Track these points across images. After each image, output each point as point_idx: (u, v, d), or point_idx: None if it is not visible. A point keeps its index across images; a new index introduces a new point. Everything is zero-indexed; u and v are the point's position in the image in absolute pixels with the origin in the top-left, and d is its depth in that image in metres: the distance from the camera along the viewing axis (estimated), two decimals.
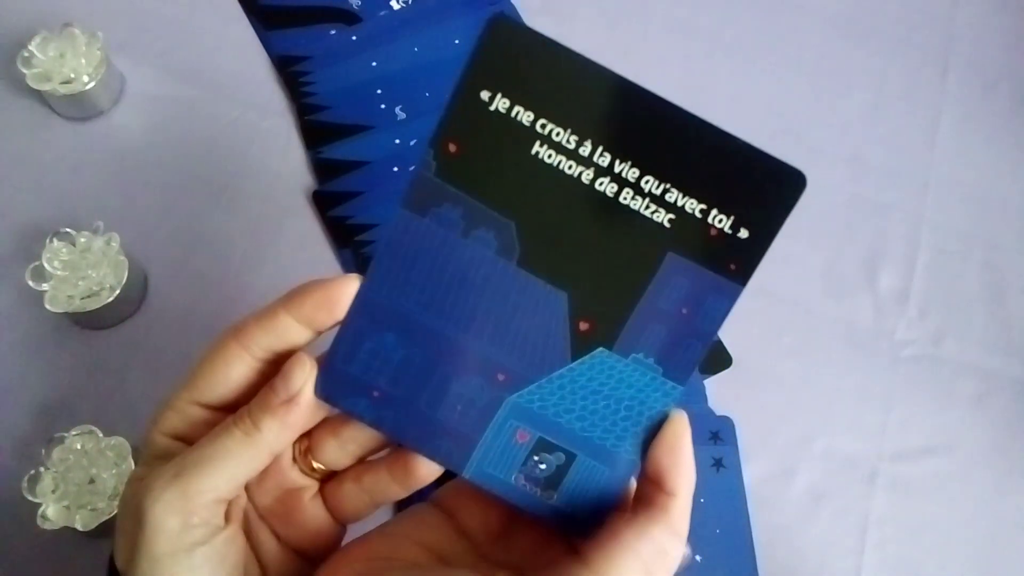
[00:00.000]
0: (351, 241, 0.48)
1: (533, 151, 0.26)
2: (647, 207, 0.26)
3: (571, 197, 0.26)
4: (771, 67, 0.56)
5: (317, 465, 0.30)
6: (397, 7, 0.55)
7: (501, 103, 0.26)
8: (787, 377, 0.48)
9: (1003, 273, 0.51)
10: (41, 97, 0.50)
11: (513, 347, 0.27)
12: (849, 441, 0.47)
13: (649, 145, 0.26)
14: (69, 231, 0.45)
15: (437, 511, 0.30)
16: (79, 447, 0.41)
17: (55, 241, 0.45)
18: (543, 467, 0.28)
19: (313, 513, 0.30)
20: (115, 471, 0.41)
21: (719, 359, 0.47)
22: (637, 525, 0.26)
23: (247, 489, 0.30)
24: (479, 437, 0.28)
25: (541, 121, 0.26)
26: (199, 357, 0.28)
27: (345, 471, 0.31)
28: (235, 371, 0.28)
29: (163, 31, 0.53)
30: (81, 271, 0.44)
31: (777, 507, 0.45)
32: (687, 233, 0.26)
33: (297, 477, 0.30)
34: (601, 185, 0.26)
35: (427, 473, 0.29)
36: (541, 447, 0.28)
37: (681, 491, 0.26)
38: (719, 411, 0.46)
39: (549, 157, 0.26)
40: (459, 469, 0.28)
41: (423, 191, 0.27)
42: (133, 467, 0.41)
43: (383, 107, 0.52)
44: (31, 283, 0.44)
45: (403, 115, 0.52)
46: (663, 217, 0.26)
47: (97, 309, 0.44)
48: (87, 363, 0.45)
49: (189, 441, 0.28)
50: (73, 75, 0.49)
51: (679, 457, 0.27)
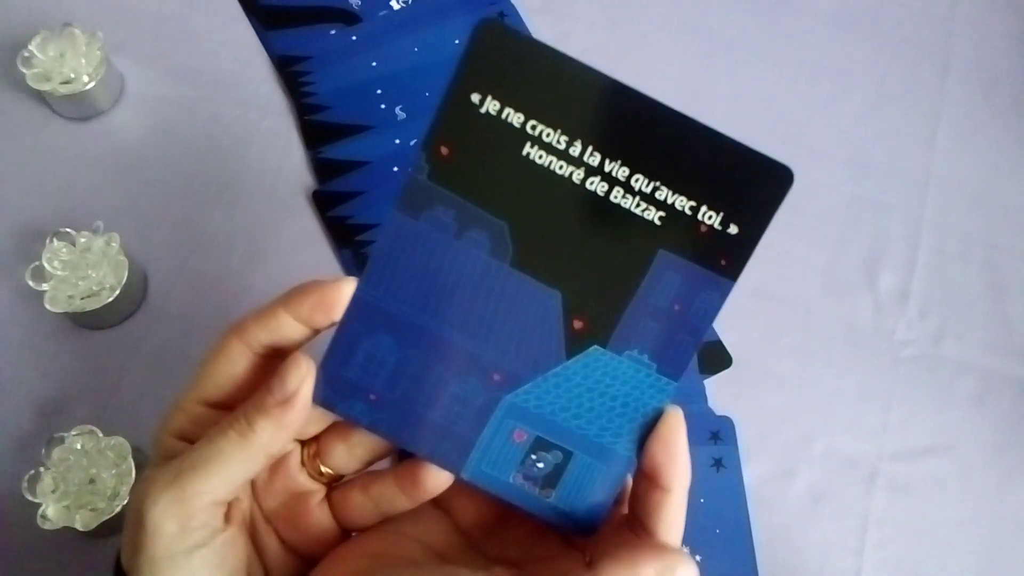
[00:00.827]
0: (351, 241, 0.48)
1: (524, 152, 0.26)
2: (638, 205, 0.27)
3: (562, 197, 0.27)
4: (771, 67, 0.56)
5: (325, 469, 0.30)
6: (397, 7, 0.55)
7: (491, 105, 0.26)
8: (787, 377, 0.48)
9: (1003, 273, 0.51)
10: (41, 97, 0.50)
11: (508, 347, 0.28)
12: (849, 441, 0.47)
13: (638, 144, 0.26)
14: (69, 231, 0.45)
15: (434, 508, 0.31)
16: (79, 447, 0.41)
17: (55, 241, 0.45)
18: (541, 466, 0.28)
19: (319, 518, 0.30)
20: (115, 471, 0.41)
21: (719, 359, 0.47)
22: (634, 543, 0.27)
23: (254, 491, 0.30)
24: (476, 437, 0.28)
25: (531, 122, 0.26)
26: (202, 358, 0.28)
27: (352, 481, 0.31)
28: (238, 367, 0.28)
29: (163, 31, 0.53)
30: (81, 271, 0.44)
31: (777, 507, 0.45)
32: (677, 230, 0.27)
33: (305, 481, 0.30)
34: (592, 184, 0.27)
35: (434, 485, 0.29)
36: (538, 446, 0.28)
37: (676, 487, 0.27)
38: (719, 411, 0.46)
39: (540, 158, 0.26)
40: (457, 470, 0.28)
41: (416, 194, 0.27)
42: (133, 467, 0.41)
43: (383, 107, 0.52)
44: (31, 283, 0.44)
45: (403, 115, 0.52)
46: (653, 215, 0.27)
47: (97, 309, 0.44)
48: (87, 363, 0.45)
49: (196, 441, 0.28)
50: (73, 75, 0.49)
51: (674, 453, 0.27)
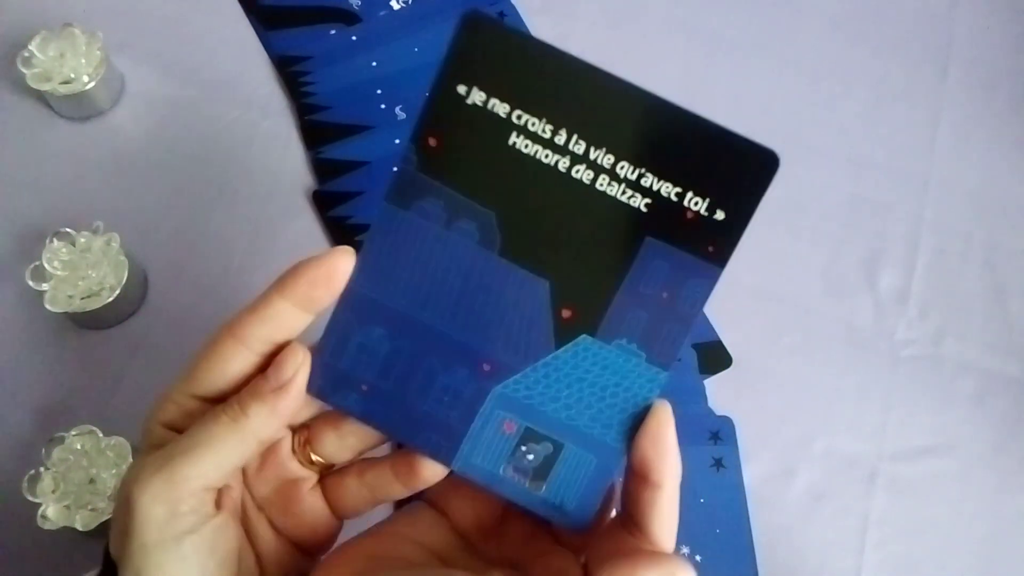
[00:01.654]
0: (351, 241, 0.48)
1: (510, 142, 0.27)
2: (623, 192, 0.27)
3: (549, 186, 0.27)
4: (771, 67, 0.56)
5: (316, 458, 0.30)
6: (397, 7, 0.55)
7: (477, 96, 0.26)
8: (787, 377, 0.48)
9: (1003, 273, 0.51)
10: (41, 97, 0.50)
11: (497, 336, 0.28)
12: (849, 441, 0.47)
13: (622, 131, 0.26)
14: (69, 231, 0.45)
15: (431, 510, 0.31)
16: (79, 447, 0.41)
17: (55, 241, 0.45)
18: (531, 457, 0.28)
19: (311, 504, 0.30)
20: (115, 471, 0.41)
21: (719, 359, 0.47)
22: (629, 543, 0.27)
23: (246, 479, 0.30)
24: (466, 429, 0.28)
25: (516, 112, 0.26)
26: (196, 352, 0.28)
27: (348, 467, 0.31)
28: (232, 366, 0.28)
29: (163, 31, 0.53)
30: (81, 271, 0.44)
31: (777, 507, 0.45)
32: (664, 217, 0.27)
33: (296, 468, 0.30)
34: (578, 173, 0.27)
35: (431, 474, 0.29)
36: (528, 437, 0.28)
37: (667, 482, 0.26)
38: (719, 411, 0.46)
39: (526, 147, 0.27)
40: (448, 462, 0.28)
41: (406, 185, 0.27)
42: None
43: (383, 107, 0.52)
44: (31, 283, 0.44)
45: (403, 115, 0.52)
46: (640, 202, 0.27)
47: (97, 309, 0.44)
48: (87, 363, 0.45)
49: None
50: (73, 75, 0.49)
51: (663, 448, 0.27)
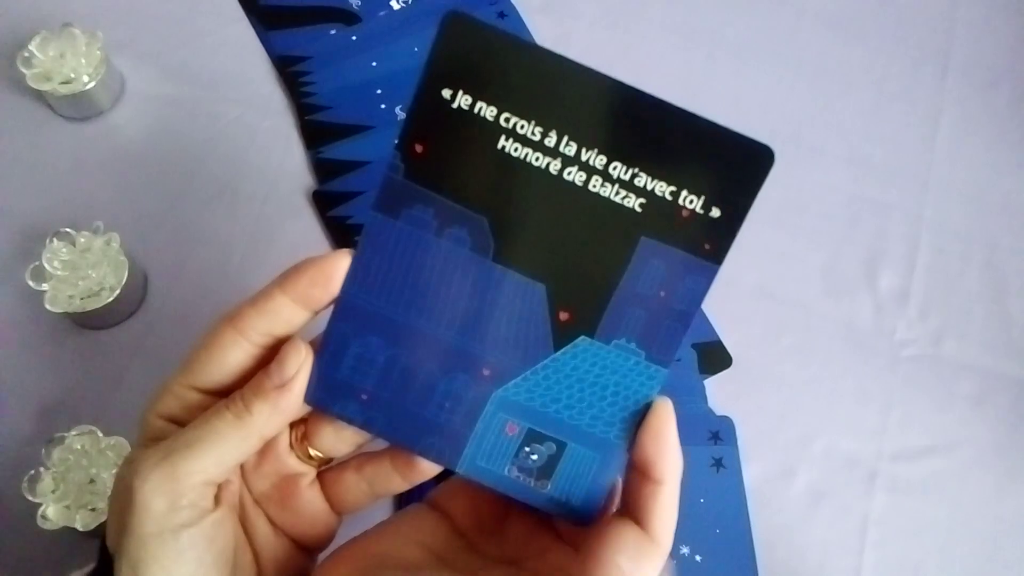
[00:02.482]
0: (351, 241, 0.48)
1: (499, 146, 0.26)
2: (617, 193, 0.26)
3: (541, 189, 0.26)
4: (771, 67, 0.56)
5: (314, 452, 0.30)
6: (397, 7, 0.55)
7: (463, 100, 0.26)
8: (787, 377, 0.48)
9: (1003, 273, 0.51)
10: (41, 97, 0.50)
11: (495, 342, 0.28)
12: (849, 441, 0.47)
13: (614, 131, 0.26)
14: (69, 231, 0.45)
15: (432, 511, 0.31)
16: (79, 447, 0.41)
17: (55, 241, 0.45)
18: (535, 458, 0.28)
19: (309, 499, 0.30)
20: (115, 471, 0.41)
21: (719, 359, 0.47)
22: (623, 530, 0.27)
23: (244, 474, 0.30)
24: (469, 432, 0.28)
25: (504, 115, 0.26)
26: (195, 343, 0.28)
27: (346, 461, 0.31)
28: (231, 357, 0.28)
29: (163, 31, 0.53)
30: (81, 271, 0.44)
31: (777, 507, 0.45)
32: (659, 216, 0.27)
33: (294, 463, 0.30)
34: (570, 175, 0.26)
35: (431, 467, 0.29)
36: (531, 438, 0.28)
37: (668, 478, 0.26)
38: (719, 411, 0.46)
39: (515, 151, 0.26)
40: (452, 465, 0.28)
41: (393, 193, 0.27)
42: None
43: (383, 107, 0.52)
44: (31, 283, 0.44)
45: (403, 115, 0.51)
46: (633, 202, 0.26)
47: (97, 309, 0.44)
48: (87, 363, 0.45)
49: (185, 424, 0.28)
50: (73, 75, 0.49)
51: (664, 445, 0.27)
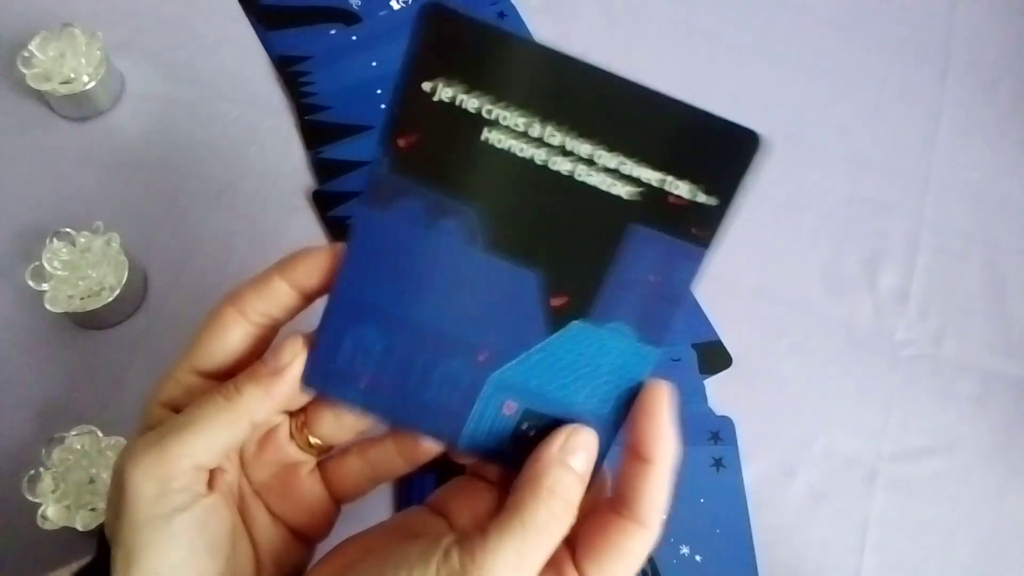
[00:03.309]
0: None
1: (483, 137, 0.26)
2: (604, 182, 0.27)
3: (527, 179, 0.27)
4: (771, 67, 0.56)
5: (314, 440, 0.30)
6: (397, 7, 0.55)
7: (444, 93, 0.26)
8: (787, 377, 0.48)
9: (1003, 273, 0.51)
10: (41, 97, 0.50)
11: (490, 328, 0.28)
12: (849, 441, 0.47)
13: (599, 119, 0.26)
14: (69, 231, 0.45)
15: (431, 512, 0.31)
16: (79, 447, 0.41)
17: (55, 241, 0.45)
18: (532, 434, 0.29)
19: (309, 488, 0.30)
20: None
21: (719, 359, 0.47)
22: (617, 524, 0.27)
23: (243, 464, 0.30)
24: (467, 412, 0.29)
25: (487, 107, 0.26)
26: (198, 325, 0.28)
27: (348, 447, 0.31)
28: (232, 336, 0.28)
29: (163, 31, 0.53)
30: (81, 271, 0.44)
31: (777, 507, 0.45)
32: (647, 203, 0.27)
33: (294, 452, 0.30)
34: (555, 165, 0.26)
35: (433, 447, 0.29)
36: (528, 416, 0.28)
37: (658, 458, 0.26)
38: (719, 411, 0.46)
39: (500, 142, 0.26)
40: (453, 443, 0.29)
41: (380, 188, 0.27)
42: None
43: (383, 107, 0.52)
44: (31, 283, 0.44)
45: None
46: (621, 190, 0.27)
47: (97, 309, 0.44)
48: (87, 363, 0.45)
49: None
50: (73, 75, 0.49)
51: (655, 424, 0.27)
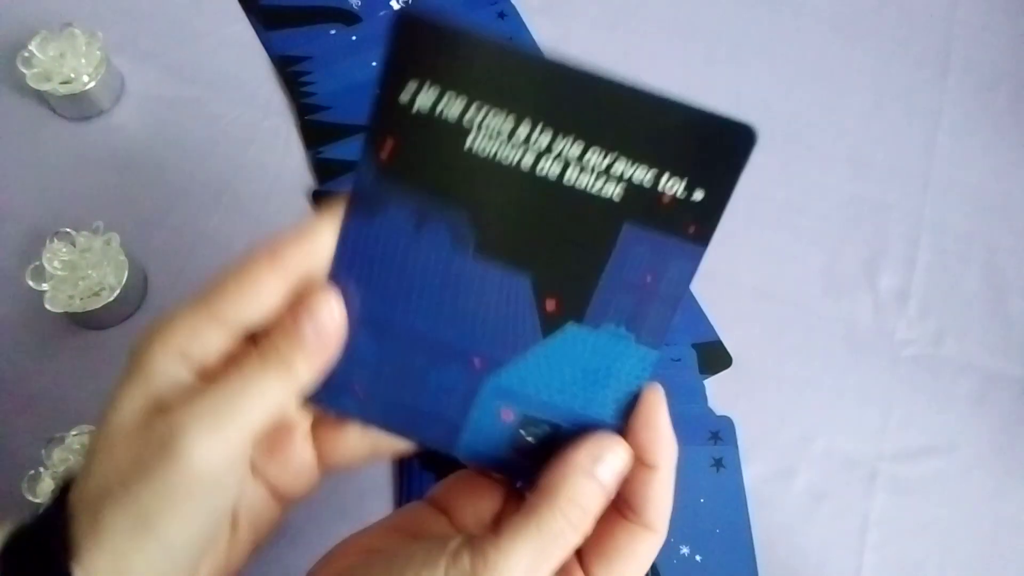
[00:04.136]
0: None
1: (467, 144, 0.26)
2: (595, 183, 0.26)
3: (515, 185, 0.26)
4: (771, 67, 0.56)
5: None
6: (397, 7, 0.55)
7: (424, 100, 0.25)
8: (787, 377, 0.48)
9: (1003, 273, 0.51)
10: (41, 97, 0.50)
11: (484, 333, 0.28)
12: (849, 441, 0.47)
13: (585, 118, 0.25)
14: (69, 231, 0.45)
15: (431, 508, 0.31)
16: (79, 447, 0.41)
17: (55, 241, 0.45)
18: (530, 440, 0.28)
19: (300, 451, 0.29)
20: None
21: (719, 359, 0.47)
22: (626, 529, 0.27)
23: None
24: (464, 420, 0.28)
25: (470, 112, 0.25)
26: (222, 274, 0.26)
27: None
28: (266, 291, 0.26)
29: (163, 31, 0.53)
30: (81, 271, 0.44)
31: (777, 507, 0.45)
32: (640, 202, 0.26)
33: (292, 412, 0.29)
34: (543, 169, 0.26)
35: None
36: (526, 423, 0.28)
37: (662, 463, 0.27)
38: (719, 411, 0.46)
39: (484, 150, 0.26)
40: (450, 451, 0.29)
41: (367, 195, 0.27)
42: None
43: None
44: (31, 283, 0.44)
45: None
46: (613, 190, 0.26)
47: (97, 309, 0.44)
48: (87, 363, 0.45)
49: (198, 364, 0.26)
50: (73, 75, 0.49)
51: (657, 429, 0.27)
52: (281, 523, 0.30)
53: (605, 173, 0.26)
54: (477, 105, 0.25)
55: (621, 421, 0.28)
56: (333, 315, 0.26)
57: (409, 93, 0.25)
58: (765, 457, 0.46)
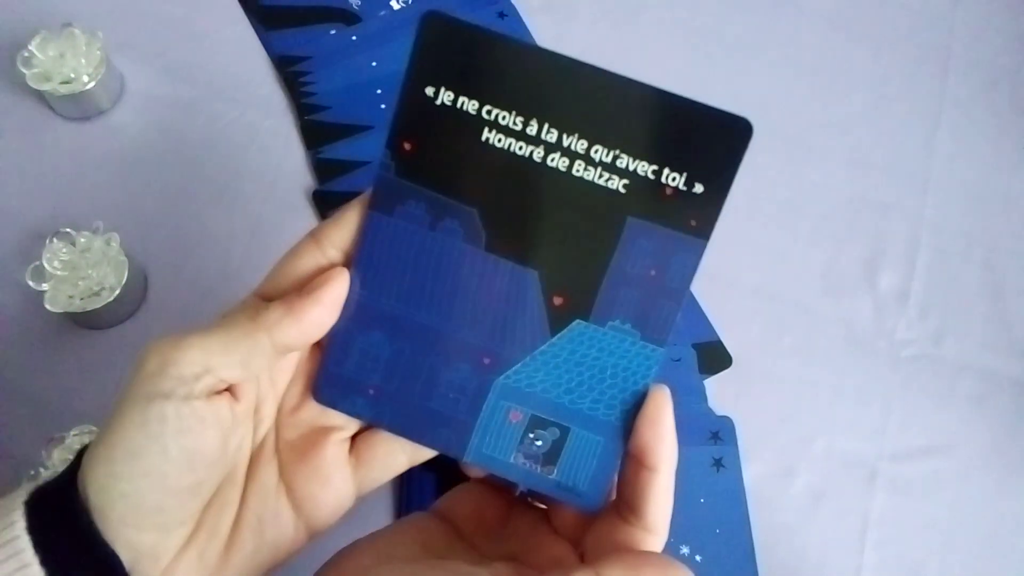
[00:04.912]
0: None
1: (483, 138, 0.27)
2: (601, 176, 0.27)
3: (527, 177, 0.27)
4: (771, 67, 0.56)
5: None
6: (397, 7, 0.55)
7: (446, 96, 0.27)
8: (787, 377, 0.48)
9: (1003, 273, 0.51)
10: (41, 97, 0.50)
11: (493, 330, 0.28)
12: (849, 441, 0.47)
13: (592, 115, 0.27)
14: (69, 231, 0.45)
15: (435, 518, 0.31)
16: (79, 447, 0.41)
17: (55, 241, 0.45)
18: (539, 443, 0.29)
19: (333, 457, 0.29)
20: None
21: (719, 359, 0.47)
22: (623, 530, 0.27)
23: (279, 418, 0.30)
24: (474, 422, 0.29)
25: (486, 108, 0.27)
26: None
27: None
28: (304, 264, 0.29)
29: (163, 31, 0.53)
30: (81, 271, 0.44)
31: (777, 507, 0.45)
32: (643, 196, 0.27)
33: (333, 416, 0.30)
34: (553, 161, 0.27)
35: None
36: (535, 424, 0.28)
37: (663, 466, 0.27)
38: (719, 411, 0.46)
39: (499, 141, 0.27)
40: (459, 456, 0.29)
41: (386, 191, 0.28)
42: None
43: (383, 107, 0.52)
44: (31, 283, 0.44)
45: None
46: (618, 184, 0.27)
47: (97, 309, 0.44)
48: (87, 363, 0.45)
49: None
50: (73, 75, 0.49)
51: (660, 432, 0.27)
52: (304, 547, 0.30)
53: (611, 166, 0.27)
54: (494, 101, 0.27)
55: (627, 422, 0.28)
56: (331, 277, 0.28)
57: (433, 88, 0.27)
58: (765, 457, 0.46)
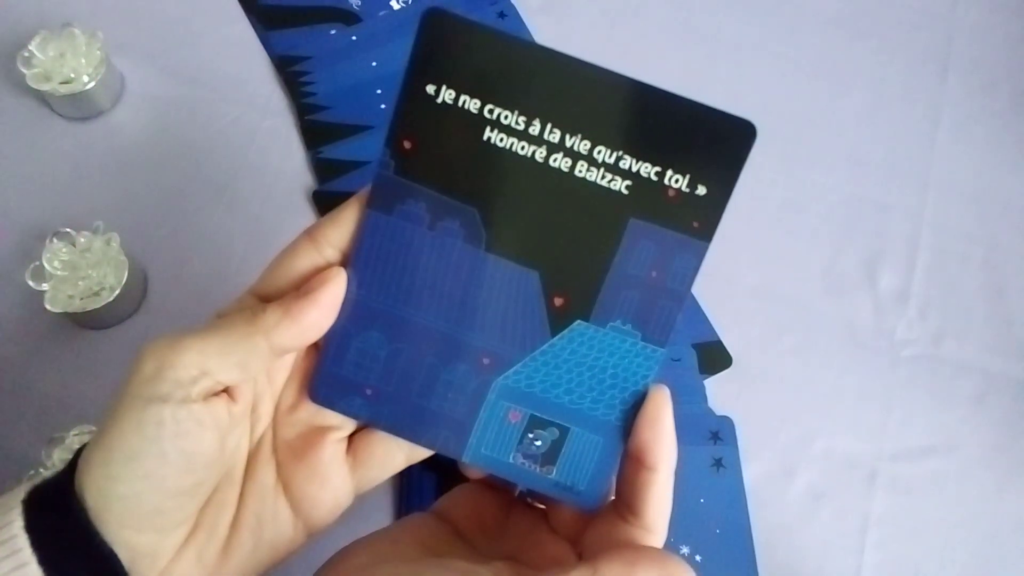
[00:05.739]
0: None
1: (485, 137, 0.27)
2: (603, 177, 0.27)
3: (528, 177, 0.27)
4: (771, 67, 0.56)
5: None
6: (397, 7, 0.55)
7: (447, 95, 0.26)
8: (787, 377, 0.48)
9: (1003, 273, 0.51)
10: (41, 97, 0.50)
11: (493, 330, 0.28)
12: (849, 441, 0.47)
13: (596, 116, 0.26)
14: (69, 231, 0.45)
15: (434, 518, 0.31)
16: (79, 447, 0.41)
17: (55, 241, 0.45)
18: (538, 444, 0.28)
19: (331, 456, 0.29)
20: None
21: (719, 359, 0.47)
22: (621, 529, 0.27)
23: (276, 417, 0.29)
24: (473, 422, 0.28)
25: (488, 107, 0.26)
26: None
27: None
28: (300, 263, 0.28)
29: (163, 31, 0.53)
30: (81, 271, 0.44)
31: (777, 507, 0.45)
32: (646, 197, 0.27)
33: (330, 415, 0.29)
34: (555, 162, 0.27)
35: None
36: (534, 424, 0.28)
37: (662, 466, 0.27)
38: (719, 411, 0.46)
39: (501, 141, 0.27)
40: (458, 456, 0.29)
41: (386, 190, 0.27)
42: None
43: (383, 107, 0.52)
44: (31, 283, 0.44)
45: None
46: (620, 185, 0.27)
47: (97, 309, 0.44)
48: (87, 363, 0.45)
49: None
50: (73, 75, 0.49)
51: (660, 432, 0.27)
52: (302, 546, 0.30)
53: (613, 167, 0.27)
54: (496, 100, 0.26)
55: (627, 422, 0.28)
56: (328, 278, 0.28)
57: (434, 87, 0.26)
58: (765, 457, 0.46)
